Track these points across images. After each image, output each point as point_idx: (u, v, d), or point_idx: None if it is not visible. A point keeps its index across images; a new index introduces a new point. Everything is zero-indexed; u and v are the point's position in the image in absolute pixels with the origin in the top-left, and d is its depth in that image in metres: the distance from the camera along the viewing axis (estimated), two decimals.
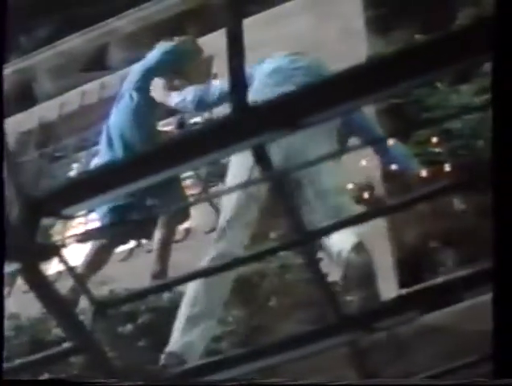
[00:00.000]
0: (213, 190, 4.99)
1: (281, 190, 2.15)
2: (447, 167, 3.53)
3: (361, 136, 3.60)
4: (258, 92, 3.68)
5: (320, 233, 2.36)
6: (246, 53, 4.50)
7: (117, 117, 4.95)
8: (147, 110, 4.80)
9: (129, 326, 3.84)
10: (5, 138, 2.17)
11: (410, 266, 3.50)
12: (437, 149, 3.83)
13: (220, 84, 3.98)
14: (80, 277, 4.47)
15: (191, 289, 3.35)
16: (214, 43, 5.84)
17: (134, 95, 4.85)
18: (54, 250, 2.25)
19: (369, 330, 2.54)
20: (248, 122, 1.95)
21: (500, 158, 1.81)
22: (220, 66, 5.54)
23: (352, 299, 3.14)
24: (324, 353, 2.71)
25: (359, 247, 3.22)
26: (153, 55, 4.87)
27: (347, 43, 4.76)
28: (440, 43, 2.02)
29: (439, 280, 3.19)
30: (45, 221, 2.11)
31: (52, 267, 5.37)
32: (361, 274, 3.13)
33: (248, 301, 3.59)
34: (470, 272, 2.95)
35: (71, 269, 2.62)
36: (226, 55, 4.28)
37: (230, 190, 3.90)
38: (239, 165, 3.46)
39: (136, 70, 4.93)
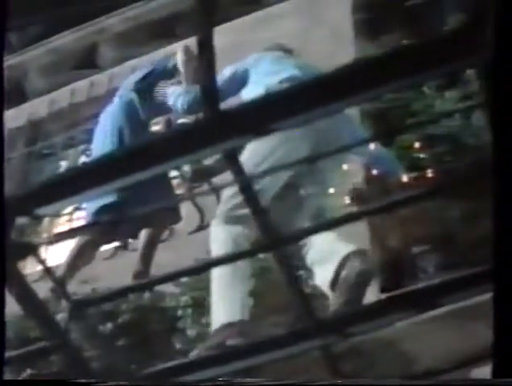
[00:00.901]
0: (199, 190, 5.00)
1: (249, 193, 2.16)
2: (429, 173, 3.54)
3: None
4: (257, 85, 3.70)
5: (292, 237, 2.37)
6: (235, 53, 4.52)
7: (112, 115, 4.97)
8: (143, 111, 4.83)
9: (109, 325, 3.84)
10: (4, 137, 2.19)
11: (391, 271, 3.51)
12: (421, 155, 3.84)
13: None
14: (63, 275, 4.48)
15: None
16: None
17: (132, 95, 4.88)
18: (30, 249, 2.26)
19: (344, 335, 2.55)
20: (219, 127, 1.96)
21: (500, 158, 1.82)
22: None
23: (333, 302, 3.15)
24: (299, 356, 2.72)
25: (363, 253, 3.25)
26: (162, 62, 4.89)
27: (336, 46, 4.77)
28: (418, 49, 2.03)
29: (418, 285, 3.20)
30: (30, 220, 2.12)
31: (35, 265, 5.37)
32: (359, 280, 3.14)
33: None
34: (449, 278, 2.96)
35: (47, 269, 2.63)
36: (217, 54, 4.24)
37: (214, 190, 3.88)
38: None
39: (140, 72, 4.98)
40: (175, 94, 4.06)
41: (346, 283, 3.13)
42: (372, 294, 3.40)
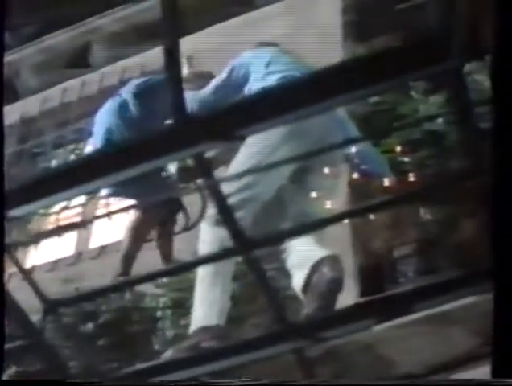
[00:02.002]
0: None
1: (218, 198, 2.16)
2: (411, 177, 3.54)
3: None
4: (258, 81, 3.71)
5: (262, 242, 2.36)
6: (224, 54, 4.50)
7: (108, 116, 4.98)
8: (139, 115, 4.84)
9: (90, 325, 3.85)
10: (4, 135, 2.20)
11: (371, 276, 3.51)
12: (405, 159, 3.85)
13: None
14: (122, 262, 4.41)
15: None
16: (193, 43, 5.86)
17: (128, 97, 4.89)
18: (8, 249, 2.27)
19: (315, 339, 2.55)
20: (187, 133, 1.98)
21: (500, 159, 1.82)
22: (201, 67, 5.55)
23: (305, 307, 3.15)
24: (271, 359, 2.72)
25: (334, 260, 3.24)
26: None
27: (324, 48, 4.77)
28: (389, 54, 2.03)
29: (395, 291, 3.21)
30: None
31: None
32: (329, 288, 3.14)
33: None
34: (425, 283, 2.96)
35: (21, 269, 2.63)
36: (206, 55, 4.28)
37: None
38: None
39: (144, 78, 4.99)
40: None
41: (317, 289, 3.14)
42: (351, 298, 3.41)
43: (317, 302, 3.10)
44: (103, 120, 4.93)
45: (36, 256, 5.58)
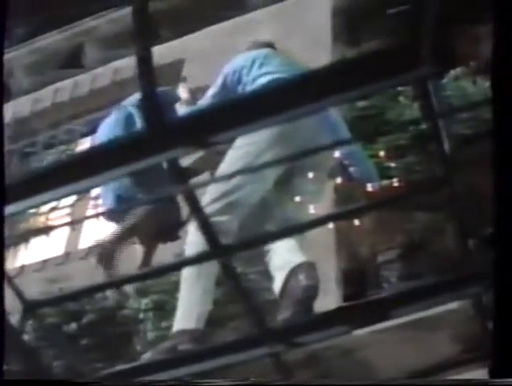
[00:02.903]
0: None
1: (193, 202, 2.17)
2: (395, 182, 3.55)
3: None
4: (250, 84, 3.73)
5: (240, 246, 2.37)
6: (216, 57, 4.52)
7: (113, 127, 4.98)
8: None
9: (73, 325, 3.86)
10: (4, 133, 2.22)
11: (354, 281, 3.52)
12: (392, 164, 3.86)
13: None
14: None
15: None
16: (185, 46, 5.87)
17: (132, 110, 4.90)
18: None
19: (292, 344, 2.56)
20: (161, 138, 1.99)
21: (501, 161, 1.82)
22: (191, 69, 5.56)
23: (282, 312, 3.16)
24: (248, 363, 2.73)
25: (311, 267, 3.25)
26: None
27: (314, 52, 4.78)
28: (365, 60, 2.04)
29: (375, 296, 3.21)
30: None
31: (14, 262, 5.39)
32: (304, 295, 3.15)
33: None
34: (405, 289, 2.97)
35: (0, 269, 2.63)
36: (197, 58, 4.27)
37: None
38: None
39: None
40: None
41: (292, 296, 3.16)
42: (334, 303, 3.41)
43: (292, 308, 3.12)
44: (108, 131, 4.93)
45: (26, 255, 5.59)
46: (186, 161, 4.41)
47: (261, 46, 4.10)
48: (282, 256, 3.27)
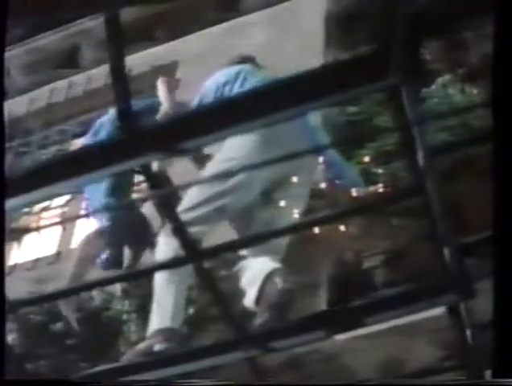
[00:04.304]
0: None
1: (167, 208, 2.18)
2: (380, 188, 3.56)
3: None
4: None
5: (214, 251, 2.39)
6: (210, 59, 4.53)
7: (103, 125, 4.99)
8: None
9: (59, 325, 3.88)
10: (4, 132, 2.24)
11: (339, 286, 3.52)
12: (380, 170, 3.86)
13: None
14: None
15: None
16: (179, 49, 5.88)
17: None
18: None
19: (268, 349, 2.58)
20: (134, 144, 2.01)
21: (501, 163, 1.84)
22: (185, 72, 5.58)
23: (258, 318, 3.18)
24: (224, 367, 2.74)
25: (285, 272, 3.28)
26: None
27: (306, 56, 4.80)
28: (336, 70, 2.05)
29: (351, 303, 3.22)
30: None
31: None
32: (280, 300, 3.17)
33: None
34: (379, 297, 2.98)
35: None
36: (191, 61, 4.27)
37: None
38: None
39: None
40: None
41: (269, 300, 3.18)
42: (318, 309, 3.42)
43: (269, 313, 3.14)
44: (102, 130, 4.94)
45: (18, 254, 5.61)
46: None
47: (242, 61, 4.10)
48: (254, 269, 3.30)
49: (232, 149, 3.43)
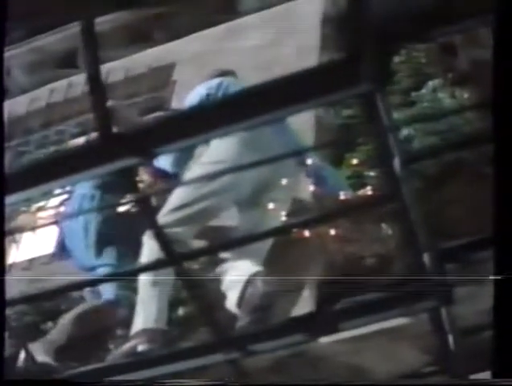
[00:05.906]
0: None
1: (148, 210, 2.20)
2: (368, 191, 3.57)
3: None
4: None
5: (194, 254, 2.42)
6: (207, 61, 4.56)
7: None
8: None
9: (49, 324, 3.90)
10: (4, 131, 2.27)
11: (322, 290, 3.52)
12: (371, 173, 3.87)
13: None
14: None
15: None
16: (176, 50, 5.89)
17: None
18: None
19: (248, 352, 2.59)
20: (111, 148, 2.03)
21: (502, 164, 1.85)
22: (182, 73, 5.59)
23: (240, 320, 3.19)
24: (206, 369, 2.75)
25: (267, 275, 3.29)
26: None
27: (303, 59, 4.81)
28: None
29: (332, 307, 3.23)
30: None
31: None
32: (262, 302, 3.19)
33: None
34: (361, 302, 2.99)
35: None
36: (189, 62, 4.29)
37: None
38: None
39: None
40: None
41: (250, 303, 3.20)
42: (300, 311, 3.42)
43: (251, 316, 3.16)
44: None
45: (15, 253, 5.62)
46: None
47: (222, 74, 4.14)
48: (238, 271, 3.32)
49: (218, 152, 3.46)
